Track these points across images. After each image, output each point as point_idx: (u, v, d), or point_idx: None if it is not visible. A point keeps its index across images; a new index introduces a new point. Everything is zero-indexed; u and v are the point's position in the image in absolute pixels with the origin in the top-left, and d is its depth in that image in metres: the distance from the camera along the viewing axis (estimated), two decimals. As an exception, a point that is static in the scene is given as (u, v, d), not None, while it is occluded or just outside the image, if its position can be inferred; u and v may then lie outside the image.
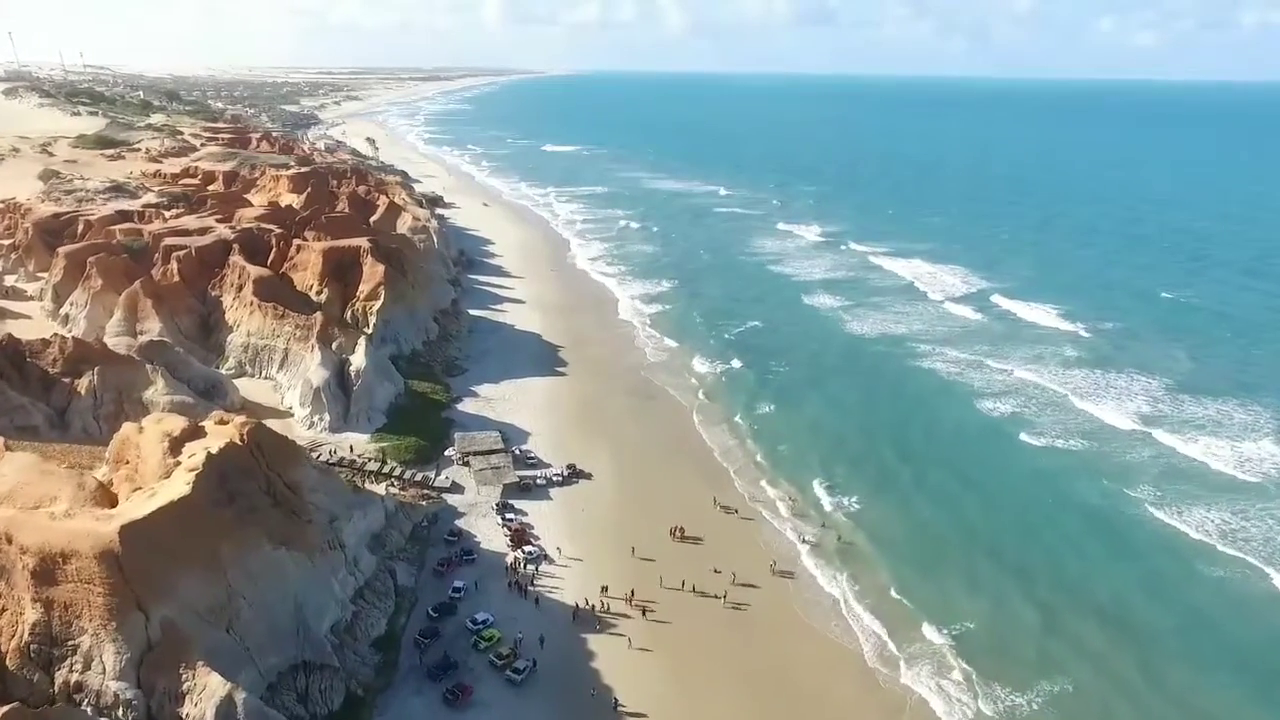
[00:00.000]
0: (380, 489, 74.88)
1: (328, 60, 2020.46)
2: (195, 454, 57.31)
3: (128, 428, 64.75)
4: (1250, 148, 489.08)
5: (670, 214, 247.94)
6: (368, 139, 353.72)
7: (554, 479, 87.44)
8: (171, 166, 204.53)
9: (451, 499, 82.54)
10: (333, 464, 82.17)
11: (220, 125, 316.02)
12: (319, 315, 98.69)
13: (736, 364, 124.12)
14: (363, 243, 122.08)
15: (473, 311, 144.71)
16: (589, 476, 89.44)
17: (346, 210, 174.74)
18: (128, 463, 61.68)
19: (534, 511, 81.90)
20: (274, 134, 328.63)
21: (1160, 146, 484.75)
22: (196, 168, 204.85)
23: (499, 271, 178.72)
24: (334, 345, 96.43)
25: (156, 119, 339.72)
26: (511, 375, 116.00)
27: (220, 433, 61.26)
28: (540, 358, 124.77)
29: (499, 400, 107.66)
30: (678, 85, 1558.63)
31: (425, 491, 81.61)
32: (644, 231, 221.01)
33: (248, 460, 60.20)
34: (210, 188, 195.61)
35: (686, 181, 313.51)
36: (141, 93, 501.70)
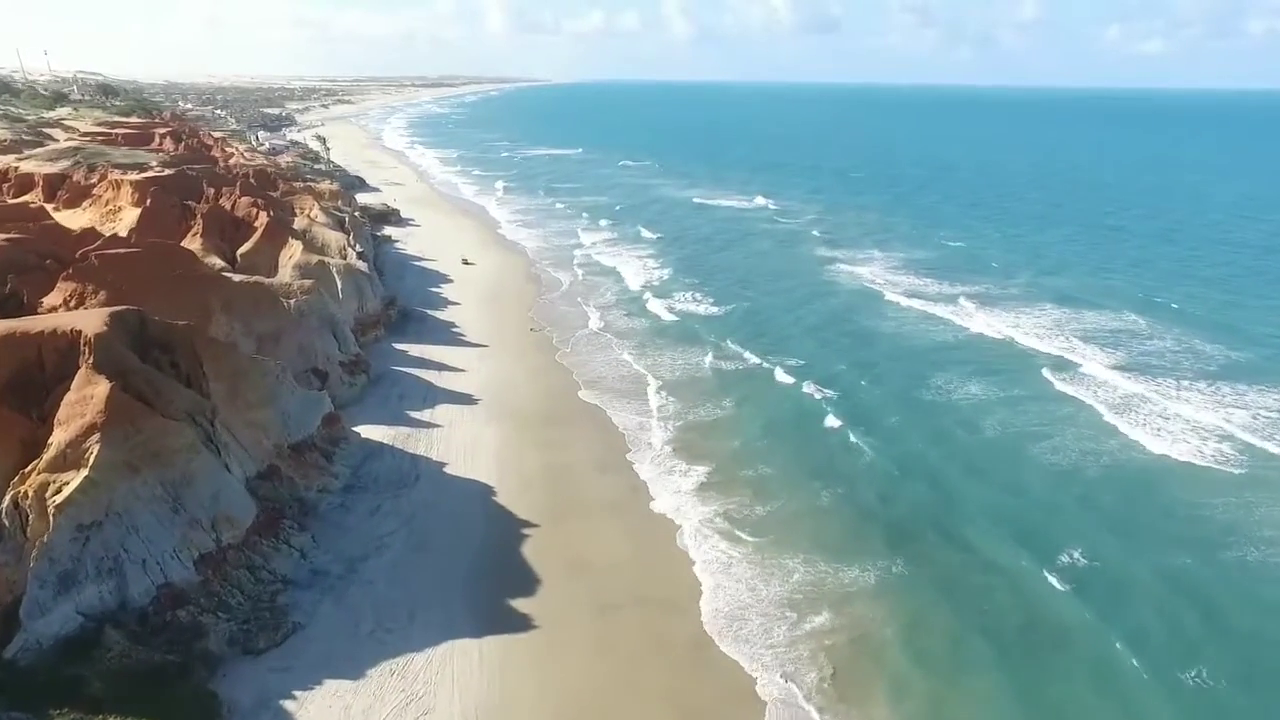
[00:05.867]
0: None
1: (333, 69, 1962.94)
2: None
3: None
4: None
5: (692, 239, 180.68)
6: (317, 136, 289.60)
7: None
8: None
9: None
10: None
11: (128, 120, 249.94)
12: None
13: (896, 567, 58.19)
14: (88, 324, 55.41)
15: (371, 433, 78.02)
16: None
17: (200, 236, 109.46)
18: None
19: None
20: (210, 131, 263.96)
21: (1201, 153, 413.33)
22: (14, 169, 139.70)
23: (447, 334, 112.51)
24: None
25: (59, 112, 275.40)
26: (407, 643, 49.42)
27: None
28: (480, 572, 57.92)
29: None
30: (684, 93, 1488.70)
31: None
32: (659, 260, 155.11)
33: None
34: (22, 198, 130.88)
35: (708, 193, 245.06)
36: (76, 89, 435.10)
